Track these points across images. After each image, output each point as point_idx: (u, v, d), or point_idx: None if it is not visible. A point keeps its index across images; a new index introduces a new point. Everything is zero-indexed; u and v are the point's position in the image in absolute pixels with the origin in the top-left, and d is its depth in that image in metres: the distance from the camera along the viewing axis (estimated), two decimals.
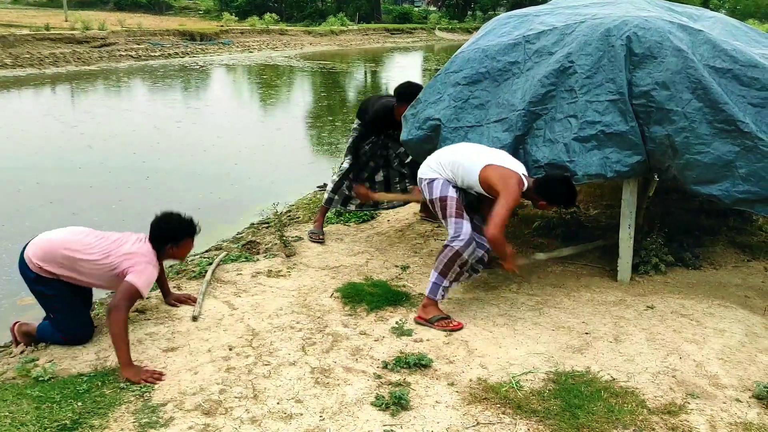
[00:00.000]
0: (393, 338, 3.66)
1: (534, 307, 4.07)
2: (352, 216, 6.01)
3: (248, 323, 3.84)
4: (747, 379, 3.22)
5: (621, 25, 4.05)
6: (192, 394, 3.09)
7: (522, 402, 3.02)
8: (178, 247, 3.59)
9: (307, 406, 3.00)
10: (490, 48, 4.47)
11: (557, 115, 4.08)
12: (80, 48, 25.84)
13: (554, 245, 5.14)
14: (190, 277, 4.59)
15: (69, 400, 2.98)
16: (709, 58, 3.90)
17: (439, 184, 3.85)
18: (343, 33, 41.21)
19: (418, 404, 3.02)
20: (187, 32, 32.56)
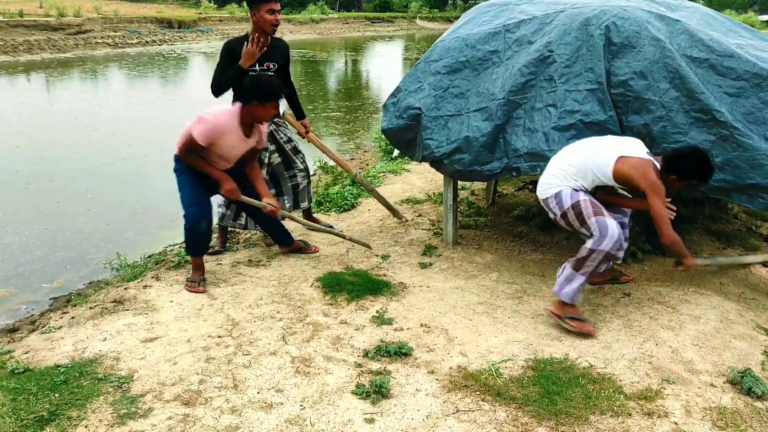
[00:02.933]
0: (373, 327, 3.67)
1: (513, 296, 4.10)
2: (333, 205, 6.00)
3: (228, 313, 3.83)
4: (721, 365, 3.28)
5: (600, 15, 4.07)
6: (171, 385, 3.07)
7: (501, 389, 3.04)
8: (263, 107, 3.94)
9: (288, 396, 3.00)
10: (470, 37, 4.47)
11: (537, 104, 4.10)
12: (55, 35, 25.40)
13: (533, 233, 5.18)
14: (169, 267, 4.55)
15: (46, 392, 2.95)
16: (686, 48, 3.93)
17: (567, 194, 3.57)
18: (324, 21, 40.98)
19: (398, 392, 3.03)
20: (165, 19, 32.18)
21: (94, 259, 5.68)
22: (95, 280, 5.32)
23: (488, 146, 4.20)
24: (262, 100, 3.91)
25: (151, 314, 3.80)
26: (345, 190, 6.35)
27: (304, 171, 4.99)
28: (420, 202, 6.15)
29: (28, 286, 5.20)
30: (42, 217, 6.72)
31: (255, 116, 4.00)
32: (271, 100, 3.95)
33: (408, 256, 4.74)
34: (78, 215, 6.81)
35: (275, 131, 4.84)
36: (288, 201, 4.95)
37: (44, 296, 5.14)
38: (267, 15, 4.35)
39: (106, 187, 7.84)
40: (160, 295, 4.05)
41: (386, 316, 3.77)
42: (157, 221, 6.70)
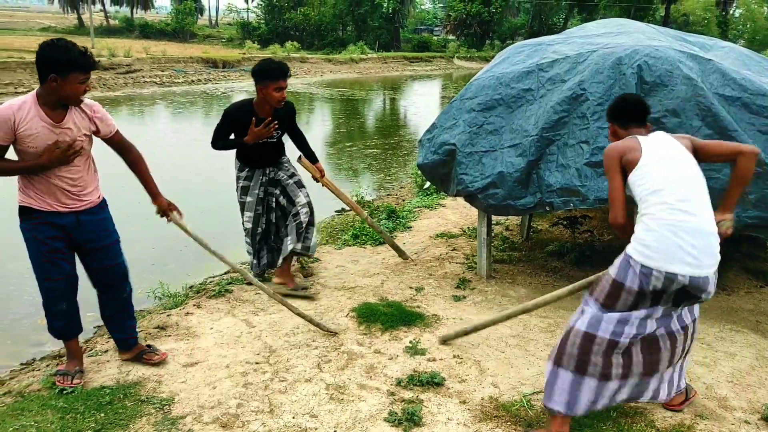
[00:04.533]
0: (406, 357, 3.73)
1: (546, 329, 4.13)
2: (368, 239, 6.12)
3: (265, 341, 3.94)
4: (756, 402, 3.25)
5: (632, 54, 4.15)
6: (210, 408, 3.18)
7: (533, 421, 3.07)
8: (64, 81, 2.95)
9: (322, 421, 3.08)
10: (504, 76, 4.59)
11: (570, 140, 4.18)
12: (106, 74, 26.45)
13: (567, 269, 5.20)
14: (210, 295, 4.70)
15: (92, 412, 3.09)
16: (718, 87, 3.98)
17: None
18: (363, 61, 41.77)
19: (430, 421, 3.09)
20: (210, 60, 33.23)
21: (136, 290, 5.85)
22: (137, 309, 5.47)
23: (522, 181, 4.28)
24: (62, 71, 2.92)
25: (192, 340, 3.93)
26: (382, 225, 6.46)
27: (306, 206, 4.64)
28: (454, 236, 6.23)
29: None
30: None
31: (58, 95, 2.99)
32: (74, 71, 2.94)
33: (441, 289, 4.81)
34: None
35: (276, 173, 4.65)
36: (291, 242, 4.62)
37: (88, 324, 5.31)
38: (274, 93, 4.24)
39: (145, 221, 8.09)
40: (201, 322, 4.19)
41: (419, 346, 3.84)
42: (195, 254, 6.89)
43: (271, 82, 4.23)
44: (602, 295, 2.77)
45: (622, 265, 2.71)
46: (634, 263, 2.66)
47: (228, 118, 4.43)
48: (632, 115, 3.03)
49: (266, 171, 4.62)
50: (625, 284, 2.69)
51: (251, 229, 4.70)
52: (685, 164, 2.78)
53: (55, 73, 2.93)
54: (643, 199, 2.73)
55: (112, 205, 3.50)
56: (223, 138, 4.47)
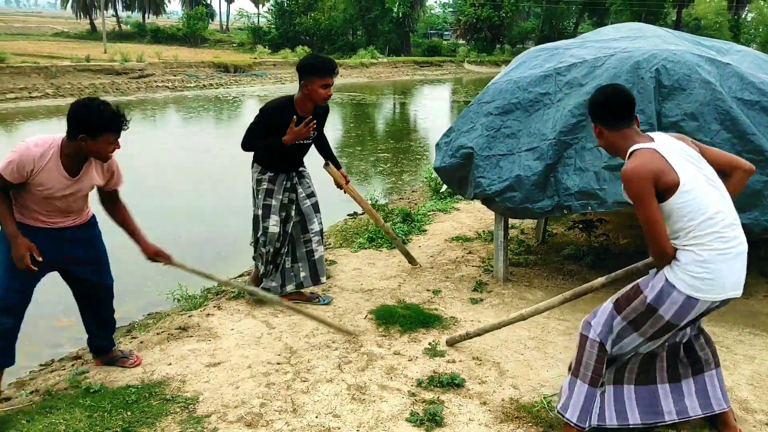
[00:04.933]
0: (426, 359, 3.76)
1: (565, 332, 4.15)
2: (384, 242, 6.16)
3: (286, 342, 3.98)
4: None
5: (650, 58, 4.18)
6: (234, 407, 3.22)
7: (554, 422, 3.09)
8: (95, 142, 2.99)
9: (345, 421, 3.12)
10: (521, 80, 4.63)
11: (588, 144, 4.20)
12: (119, 79, 26.75)
13: (583, 272, 5.22)
14: (229, 297, 4.75)
15: (119, 410, 3.14)
16: (737, 91, 4.00)
17: None
18: (373, 65, 41.93)
19: (451, 421, 3.12)
20: (222, 64, 33.48)
21: (151, 292, 5.92)
22: (153, 311, 5.53)
23: (539, 185, 4.31)
24: (93, 133, 2.96)
25: (213, 341, 3.98)
26: (396, 227, 6.50)
27: (318, 234, 4.50)
28: (470, 239, 6.26)
29: None
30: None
31: (86, 151, 3.04)
32: (106, 132, 2.99)
33: (459, 292, 4.84)
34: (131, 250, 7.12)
35: (298, 183, 4.45)
36: (303, 271, 4.51)
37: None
38: (321, 90, 4.05)
39: (159, 222, 8.17)
40: (222, 323, 4.24)
41: (438, 348, 3.87)
42: (209, 255, 6.96)
43: (319, 78, 4.03)
44: (633, 315, 2.68)
45: (661, 292, 2.57)
46: (677, 294, 2.53)
47: (266, 116, 4.17)
48: (623, 114, 2.67)
49: (290, 176, 4.40)
50: (658, 310, 2.59)
51: (275, 233, 4.32)
52: (716, 178, 2.62)
53: (86, 134, 2.96)
54: (690, 228, 2.51)
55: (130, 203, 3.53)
56: (258, 137, 4.19)
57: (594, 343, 2.76)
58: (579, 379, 2.82)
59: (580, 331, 2.84)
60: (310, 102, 4.15)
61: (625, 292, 2.75)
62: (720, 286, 2.51)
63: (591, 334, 2.78)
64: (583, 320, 2.87)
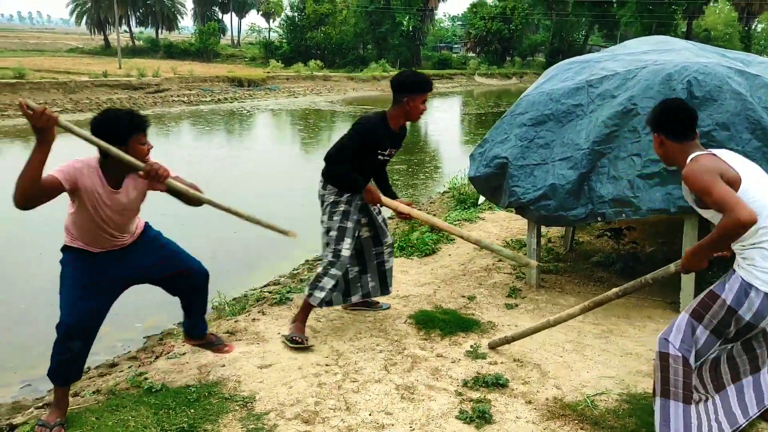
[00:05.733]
0: (469, 360, 3.90)
1: (600, 336, 4.28)
2: (414, 250, 6.30)
3: (332, 345, 4.13)
4: None
5: (682, 71, 4.33)
6: (290, 405, 3.37)
7: (598, 419, 3.22)
8: (126, 148, 3.00)
9: (397, 418, 3.25)
10: (554, 92, 4.79)
11: (621, 153, 4.35)
12: (135, 94, 27.14)
13: (613, 279, 5.35)
14: (271, 303, 4.91)
15: (183, 408, 3.29)
16: (767, 101, 4.14)
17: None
18: (385, 79, 42.17)
19: (500, 419, 3.25)
20: (236, 78, 33.86)
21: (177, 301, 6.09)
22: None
23: (573, 193, 4.46)
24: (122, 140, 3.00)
25: (262, 344, 4.14)
26: (425, 236, 6.65)
27: (390, 247, 4.49)
28: None
29: (123, 326, 5.57)
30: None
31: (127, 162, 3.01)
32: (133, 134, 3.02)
33: (493, 298, 4.98)
34: None
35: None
36: (372, 281, 4.50)
37: (138, 335, 5.57)
38: (421, 105, 4.02)
39: (185, 231, 8.35)
40: (268, 328, 4.39)
41: (480, 350, 4.00)
42: (234, 266, 7.13)
43: (421, 94, 3.99)
44: (714, 322, 2.70)
45: (740, 293, 2.60)
46: (755, 293, 2.58)
47: (362, 133, 4.05)
48: (687, 127, 2.78)
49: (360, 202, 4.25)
50: (738, 311, 2.62)
51: (347, 258, 4.14)
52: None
53: (116, 144, 2.96)
54: (756, 225, 2.53)
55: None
56: (350, 155, 4.05)
57: (677, 359, 2.72)
58: (672, 400, 2.75)
59: (659, 349, 2.78)
60: (404, 118, 4.11)
61: (700, 300, 2.75)
62: None
63: (671, 350, 2.73)
64: (659, 338, 2.81)
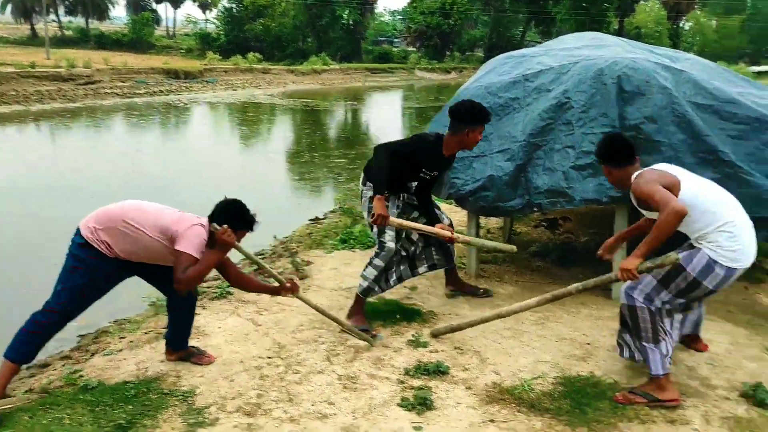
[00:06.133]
0: (410, 349, 3.96)
1: (537, 322, 4.40)
2: (356, 243, 6.33)
3: (274, 337, 4.11)
4: (735, 381, 3.57)
5: (612, 66, 4.49)
6: (232, 399, 3.35)
7: (535, 402, 3.33)
8: (235, 232, 3.38)
9: (340, 407, 3.28)
10: (492, 85, 4.89)
11: (556, 145, 4.48)
12: (65, 85, 26.15)
13: (549, 268, 5.51)
14: (211, 297, 4.84)
15: (120, 404, 3.23)
16: (691, 95, 4.35)
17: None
18: (325, 72, 42.04)
19: (440, 405, 3.31)
20: (172, 70, 33.07)
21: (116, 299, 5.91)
22: (119, 318, 5.53)
23: (511, 184, 4.56)
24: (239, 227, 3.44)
25: (202, 338, 4.08)
26: (367, 229, 6.67)
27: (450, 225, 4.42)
28: None
29: None
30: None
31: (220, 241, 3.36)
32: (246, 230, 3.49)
33: (435, 288, 5.05)
34: None
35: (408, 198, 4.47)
36: (437, 254, 4.58)
37: (71, 334, 5.37)
38: (479, 135, 4.12)
39: None
40: (209, 322, 4.34)
41: (421, 339, 4.06)
42: None
43: (481, 126, 4.10)
44: (676, 289, 3.22)
45: (706, 268, 3.11)
46: (720, 268, 3.10)
47: (415, 146, 4.15)
48: (626, 155, 3.36)
49: (400, 197, 4.41)
50: (703, 283, 3.15)
51: (392, 249, 4.17)
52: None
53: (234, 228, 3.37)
54: (716, 212, 3.13)
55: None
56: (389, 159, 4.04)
57: (642, 309, 3.26)
58: (645, 342, 3.29)
59: (625, 302, 3.33)
60: (459, 147, 4.18)
61: (667, 270, 3.19)
62: (747, 255, 3.12)
63: (637, 303, 3.27)
64: (622, 291, 3.35)
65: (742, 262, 3.12)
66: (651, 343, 3.27)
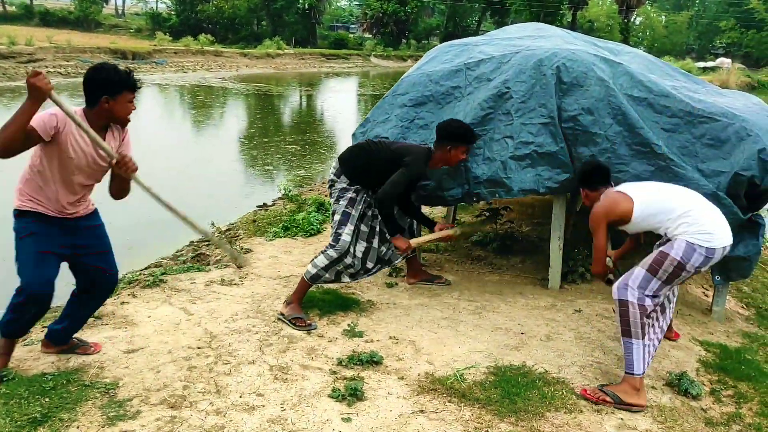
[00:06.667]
0: (345, 339, 3.91)
1: (474, 312, 4.41)
2: (299, 230, 6.24)
3: (206, 327, 4.01)
4: (661, 370, 3.64)
5: (551, 57, 4.50)
6: (156, 390, 3.24)
7: (466, 391, 3.32)
8: (115, 101, 3.06)
9: (269, 399, 3.21)
10: (434, 73, 4.85)
11: (495, 135, 4.47)
12: (5, 63, 25.16)
13: (490, 257, 5.53)
14: (143, 285, 4.70)
15: (36, 396, 3.09)
16: (627, 88, 4.38)
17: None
18: (279, 56, 41.47)
19: (371, 395, 3.28)
20: (119, 50, 32.12)
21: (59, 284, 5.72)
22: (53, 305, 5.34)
23: (450, 173, 4.54)
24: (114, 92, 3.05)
25: (130, 328, 3.95)
26: (310, 216, 6.60)
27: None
28: None
29: None
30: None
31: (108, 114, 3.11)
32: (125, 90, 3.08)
33: (374, 277, 4.98)
34: None
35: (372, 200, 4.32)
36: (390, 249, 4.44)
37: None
38: (462, 155, 4.23)
39: None
40: (138, 311, 4.21)
41: (357, 329, 4.02)
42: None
43: (465, 147, 4.25)
44: (665, 275, 3.29)
45: (687, 251, 3.25)
46: (699, 249, 3.24)
47: (414, 173, 4.17)
48: (601, 178, 3.69)
49: (369, 193, 4.30)
50: (686, 265, 3.26)
51: (347, 243, 4.14)
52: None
53: (108, 94, 3.04)
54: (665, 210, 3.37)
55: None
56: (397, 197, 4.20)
57: (634, 305, 3.29)
58: (633, 339, 3.31)
59: (618, 297, 3.34)
60: (444, 164, 4.31)
61: (653, 259, 3.33)
62: (718, 235, 3.28)
63: (630, 297, 3.30)
64: (616, 288, 3.37)
65: (716, 242, 3.27)
66: (638, 339, 3.30)
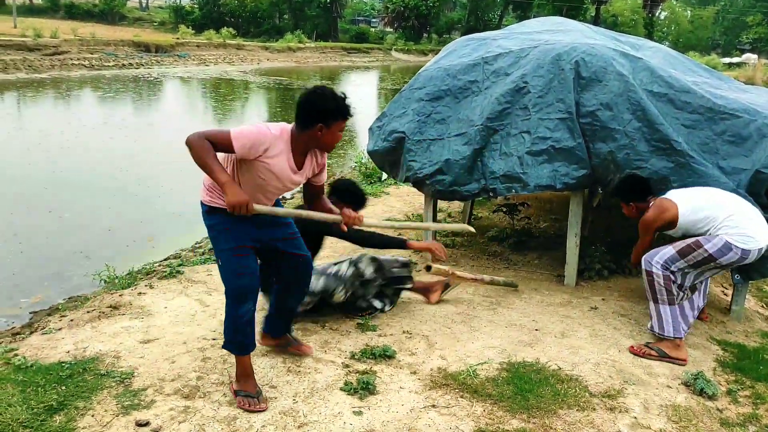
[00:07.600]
0: (359, 333, 3.91)
1: (489, 308, 4.39)
2: None
3: (221, 319, 4.01)
4: (677, 370, 3.60)
5: (570, 51, 4.45)
6: (171, 380, 3.28)
7: (478, 387, 3.31)
8: (328, 130, 2.93)
9: (281, 391, 3.23)
10: (451, 67, 4.82)
11: (512, 130, 4.44)
12: (31, 55, 25.49)
13: (506, 253, 5.50)
14: (161, 276, 4.75)
15: (53, 385, 3.13)
16: (647, 83, 4.33)
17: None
18: (301, 50, 41.55)
19: (383, 389, 3.28)
20: (142, 43, 32.43)
21: (72, 276, 5.82)
22: (74, 295, 5.45)
23: (467, 168, 4.52)
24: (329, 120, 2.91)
25: (147, 319, 4.00)
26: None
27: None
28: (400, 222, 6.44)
29: (7, 301, 5.32)
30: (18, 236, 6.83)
31: (317, 142, 2.97)
32: (340, 119, 2.94)
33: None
34: (53, 234, 6.95)
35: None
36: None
37: (24, 310, 5.28)
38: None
39: (78, 206, 8.01)
40: (155, 302, 4.25)
41: (370, 323, 4.02)
42: (133, 240, 6.88)
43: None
44: (694, 260, 3.67)
45: (722, 249, 3.59)
46: (735, 248, 3.58)
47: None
48: (647, 189, 3.97)
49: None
50: (718, 260, 3.62)
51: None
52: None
53: (323, 123, 2.89)
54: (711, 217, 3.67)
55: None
56: None
57: (658, 275, 3.71)
58: (660, 304, 3.76)
59: (644, 268, 3.77)
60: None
61: (687, 245, 3.68)
62: (756, 238, 3.61)
63: (654, 269, 3.72)
64: (644, 260, 3.79)
65: (753, 243, 3.58)
66: (666, 305, 3.72)
